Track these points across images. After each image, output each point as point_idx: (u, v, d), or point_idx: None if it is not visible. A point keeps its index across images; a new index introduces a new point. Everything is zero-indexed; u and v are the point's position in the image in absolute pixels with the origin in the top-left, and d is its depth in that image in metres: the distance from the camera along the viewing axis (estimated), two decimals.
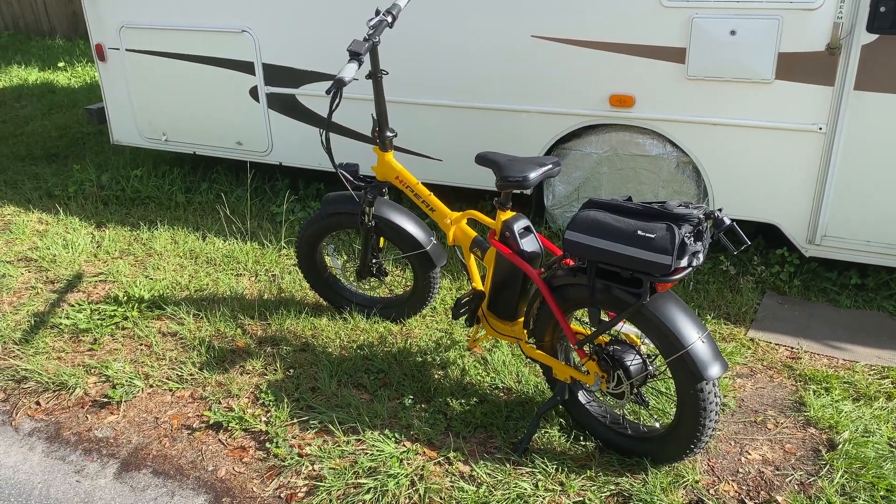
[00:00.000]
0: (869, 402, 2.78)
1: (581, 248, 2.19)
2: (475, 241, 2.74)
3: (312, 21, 4.22)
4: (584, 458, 2.51)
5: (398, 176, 2.92)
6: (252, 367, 3.09)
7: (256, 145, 4.76)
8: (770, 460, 2.49)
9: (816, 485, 2.36)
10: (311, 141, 4.55)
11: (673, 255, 2.01)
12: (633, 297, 2.18)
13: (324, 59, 4.28)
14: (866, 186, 3.38)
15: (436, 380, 2.95)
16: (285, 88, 4.48)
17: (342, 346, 3.21)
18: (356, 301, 3.45)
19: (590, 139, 3.90)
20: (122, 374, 3.07)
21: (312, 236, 3.31)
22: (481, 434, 2.66)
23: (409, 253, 3.14)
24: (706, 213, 2.07)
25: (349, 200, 3.13)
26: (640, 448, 2.43)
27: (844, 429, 2.59)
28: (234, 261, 4.08)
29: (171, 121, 4.95)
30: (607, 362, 2.31)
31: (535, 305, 2.54)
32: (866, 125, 3.28)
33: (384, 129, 2.88)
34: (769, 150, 3.51)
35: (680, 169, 3.77)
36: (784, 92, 3.37)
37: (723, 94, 3.49)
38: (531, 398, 2.81)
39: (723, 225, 2.04)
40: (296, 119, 4.56)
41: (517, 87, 3.88)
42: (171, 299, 3.65)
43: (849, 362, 3.09)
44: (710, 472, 2.43)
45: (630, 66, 3.61)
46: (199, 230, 4.50)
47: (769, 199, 3.60)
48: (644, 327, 2.22)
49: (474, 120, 4.06)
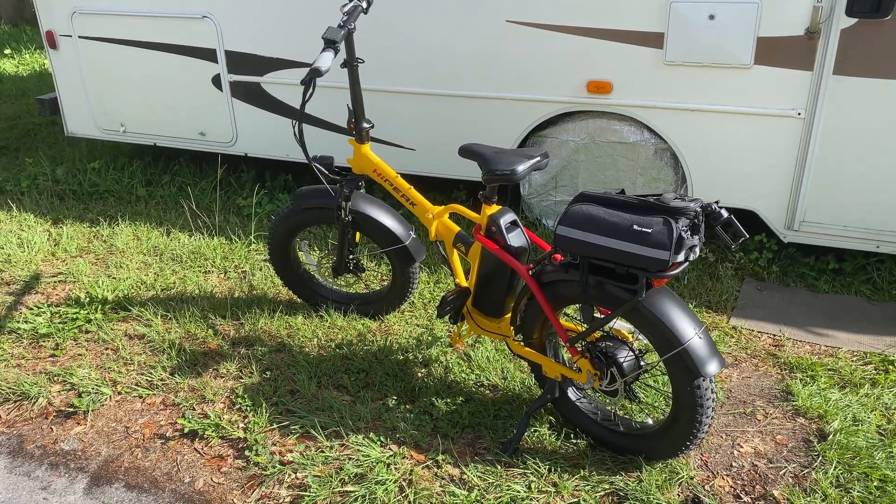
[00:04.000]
0: (854, 389, 2.78)
1: (573, 244, 2.11)
2: (459, 235, 2.65)
3: (278, 6, 4.05)
4: (576, 456, 2.45)
5: (376, 169, 2.81)
6: (226, 370, 2.97)
7: (220, 136, 4.58)
8: (762, 453, 2.46)
9: (811, 477, 2.34)
10: (277, 131, 4.40)
11: (671, 250, 1.94)
12: (628, 293, 2.11)
13: (291, 45, 4.12)
14: (845, 171, 3.37)
15: (419, 378, 2.86)
16: (250, 76, 4.32)
17: (320, 346, 3.10)
18: (332, 298, 3.34)
19: (566, 126, 3.83)
20: (87, 381, 2.91)
21: (285, 232, 3.18)
22: (469, 434, 2.58)
23: (387, 248, 3.03)
24: (703, 205, 2.01)
25: (324, 195, 3.01)
26: (632, 445, 2.38)
27: (833, 418, 2.58)
28: (202, 257, 3.93)
29: (130, 111, 4.74)
30: (601, 360, 2.25)
31: (522, 302, 2.47)
32: (845, 110, 3.27)
33: (360, 119, 2.77)
34: (748, 136, 3.48)
35: (658, 156, 3.73)
36: (763, 77, 3.34)
37: (701, 79, 3.44)
38: (518, 395, 2.74)
39: (720, 218, 1.98)
40: (261, 108, 4.39)
41: (492, 73, 3.78)
42: (136, 300, 3.49)
43: (831, 349, 3.08)
44: (704, 467, 2.39)
45: (607, 52, 3.54)
46: (162, 225, 4.33)
47: (748, 186, 3.57)
48: (639, 324, 2.16)
49: (448, 108, 3.96)
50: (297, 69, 4.17)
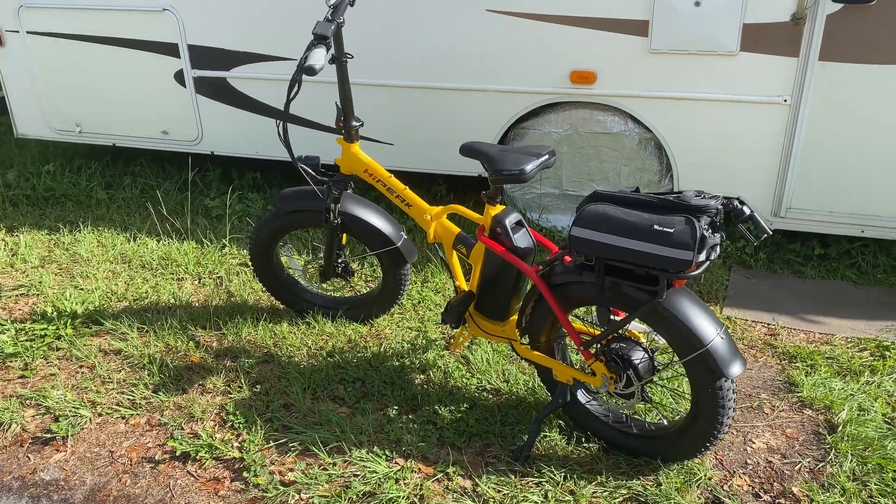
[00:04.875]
0: (855, 377, 2.78)
1: (590, 246, 2.03)
2: (459, 237, 2.54)
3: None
4: (590, 461, 2.38)
5: (367, 169, 2.68)
6: (213, 384, 2.81)
7: (184, 134, 4.38)
8: (775, 448, 2.43)
9: (826, 471, 2.32)
10: (246, 127, 4.22)
11: (694, 249, 1.88)
12: (647, 294, 2.04)
13: (259, 38, 3.94)
14: (830, 157, 3.37)
15: (418, 385, 2.76)
16: (215, 71, 4.12)
17: (310, 355, 2.97)
18: (319, 303, 3.20)
19: (548, 118, 3.75)
20: (63, 403, 2.73)
21: (268, 237, 3.03)
22: (477, 443, 2.49)
23: (378, 250, 2.91)
24: (723, 202, 1.95)
25: (311, 197, 2.87)
26: (648, 447, 2.32)
27: (840, 409, 2.57)
28: (173, 263, 3.74)
29: (86, 111, 4.49)
30: (617, 363, 2.18)
31: (529, 304, 2.38)
32: (831, 96, 3.26)
33: (350, 118, 2.63)
34: (734, 124, 3.45)
35: (642, 145, 3.68)
36: (749, 64, 3.31)
37: (687, 67, 3.39)
38: (523, 399, 2.66)
39: (742, 215, 1.93)
40: (228, 104, 4.20)
41: (472, 64, 3.67)
42: (108, 312, 3.30)
43: (825, 336, 3.09)
44: (720, 465, 2.35)
45: (591, 41, 3.46)
46: (127, 230, 4.12)
47: (734, 174, 3.55)
48: (658, 325, 2.09)
49: (427, 101, 3.83)
50: (266, 63, 4.00)
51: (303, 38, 3.84)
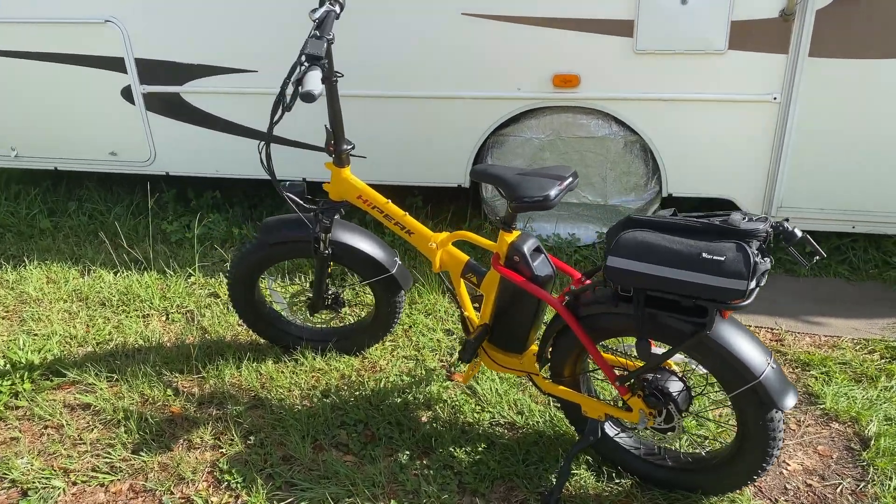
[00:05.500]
0: (872, 382, 2.71)
1: (629, 276, 1.87)
2: (469, 265, 2.35)
3: (196, 5, 3.57)
4: (624, 499, 2.24)
5: (361, 195, 2.46)
6: (200, 438, 2.56)
7: (135, 154, 4.05)
8: (811, 469, 2.33)
9: (869, 492, 2.23)
10: (203, 145, 3.92)
11: (748, 279, 1.74)
12: (692, 325, 1.90)
13: (214, 49, 3.65)
14: (821, 154, 3.31)
15: (427, 424, 2.56)
16: (167, 86, 3.81)
17: (303, 396, 2.74)
18: (306, 337, 2.97)
19: (529, 124, 3.59)
20: (31, 473, 2.43)
21: (249, 270, 2.78)
22: (500, 487, 2.32)
23: (372, 279, 2.70)
24: (773, 225, 1.82)
25: (297, 226, 2.63)
26: (687, 480, 2.19)
27: (868, 420, 2.49)
28: (136, 298, 3.44)
29: (23, 133, 4.11)
30: (657, 397, 2.03)
31: (552, 336, 2.21)
32: (821, 92, 3.20)
33: (340, 141, 2.41)
34: (723, 124, 3.36)
35: (628, 149, 3.55)
36: (737, 62, 3.21)
37: (674, 67, 3.28)
38: (542, 433, 2.50)
39: (794, 238, 1.79)
40: (183, 121, 3.90)
41: (449, 71, 3.48)
42: (69, 360, 2.99)
43: (832, 338, 3.02)
44: (760, 494, 2.24)
45: (574, 43, 3.31)
46: (78, 262, 3.78)
47: (724, 175, 3.46)
48: (703, 357, 1.95)
49: (401, 110, 3.62)
50: (225, 76, 3.71)
51: (264, 49, 3.58)
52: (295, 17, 3.46)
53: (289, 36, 3.50)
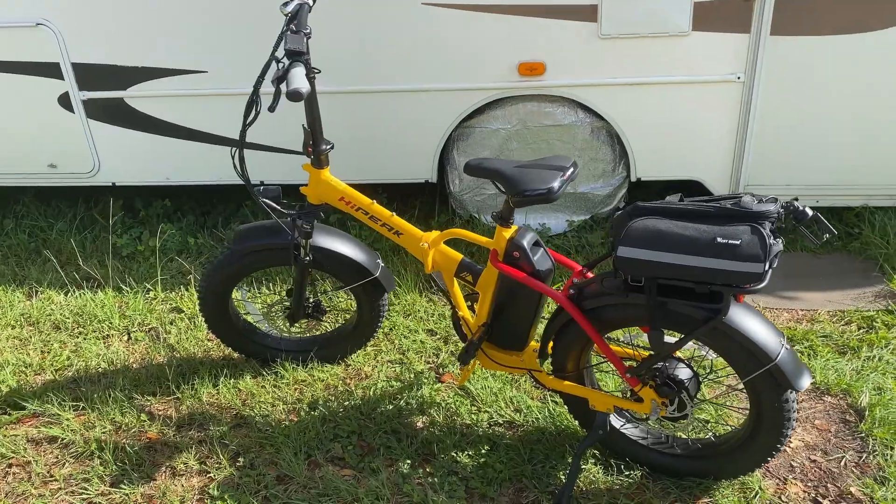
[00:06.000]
0: (855, 353, 2.76)
1: (642, 266, 1.82)
2: (463, 264, 2.27)
3: (136, 5, 3.35)
4: (636, 491, 2.20)
5: (343, 197, 2.35)
6: (184, 464, 2.40)
7: (77, 165, 3.80)
8: (812, 445, 2.35)
9: (872, 463, 2.25)
10: (153, 152, 3.71)
11: (765, 261, 1.71)
12: (706, 311, 1.86)
13: (160, 50, 3.45)
14: (785, 131, 3.35)
15: (424, 430, 2.47)
16: (109, 92, 3.58)
17: (289, 411, 2.61)
18: (285, 348, 2.83)
19: (495, 114, 3.52)
20: None
21: (223, 283, 2.63)
22: (509, 489, 2.25)
23: (355, 284, 2.58)
24: (784, 205, 1.79)
25: (272, 232, 2.50)
26: (697, 467, 2.17)
27: (858, 391, 2.53)
28: (93, 319, 3.23)
29: None
30: (670, 386, 1.99)
31: (554, 331, 2.15)
32: (783, 70, 3.23)
33: (319, 141, 2.28)
34: (689, 106, 3.36)
35: (594, 135, 3.53)
36: (701, 43, 3.22)
37: (639, 51, 3.26)
38: (543, 429, 2.44)
39: (805, 217, 1.78)
40: (129, 128, 3.68)
41: (411, 63, 3.37)
42: (27, 391, 2.77)
43: (809, 312, 3.07)
44: (768, 474, 2.24)
45: (538, 30, 3.25)
46: (23, 284, 3.53)
47: (691, 156, 3.48)
48: (716, 343, 1.92)
49: (362, 106, 3.50)
50: (173, 78, 3.51)
51: (214, 48, 3.40)
52: (246, 13, 3.29)
53: (240, 33, 3.33)
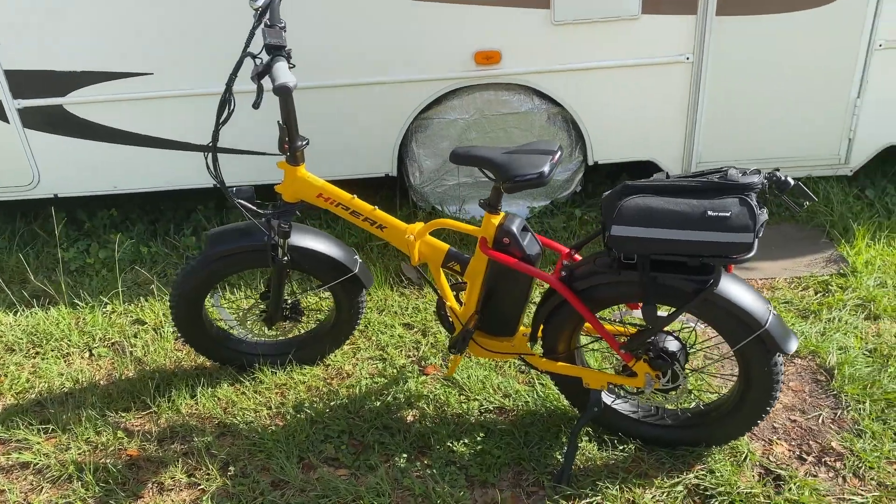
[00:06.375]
0: (816, 317, 2.88)
1: (636, 243, 1.86)
2: (450, 254, 2.26)
3: (74, 6, 3.20)
4: (632, 464, 2.25)
5: (322, 193, 2.31)
6: (171, 478, 2.32)
7: (15, 178, 3.62)
8: (790, 406, 2.45)
9: (847, 418, 2.37)
10: (97, 160, 3.56)
11: (754, 231, 1.77)
12: (697, 284, 1.92)
13: (101, 53, 3.30)
14: (734, 109, 3.48)
15: (415, 423, 2.46)
16: (47, 99, 3.41)
17: (274, 416, 2.56)
18: (262, 352, 2.77)
19: (452, 104, 3.52)
20: None
21: (196, 289, 2.55)
22: (508, 473, 2.27)
23: (334, 282, 2.55)
24: (767, 175, 1.86)
25: (245, 234, 2.44)
26: (688, 436, 2.24)
27: (825, 352, 2.64)
28: (48, 338, 3.08)
29: None
30: (663, 359, 2.05)
31: (545, 314, 2.18)
32: (729, 49, 3.34)
33: (295, 137, 2.24)
34: (641, 88, 3.44)
35: (551, 121, 3.57)
36: (651, 26, 3.30)
37: (591, 36, 3.32)
38: (534, 412, 2.47)
39: (787, 186, 1.85)
40: (71, 136, 3.52)
41: (366, 56, 3.34)
42: None
43: (768, 280, 3.19)
44: (754, 437, 2.32)
45: (493, 18, 3.27)
46: None
47: (645, 137, 3.56)
48: (706, 313, 1.98)
49: (317, 102, 3.44)
50: (114, 82, 3.37)
51: (159, 48, 3.28)
52: (193, 10, 3.19)
53: (187, 32, 3.23)
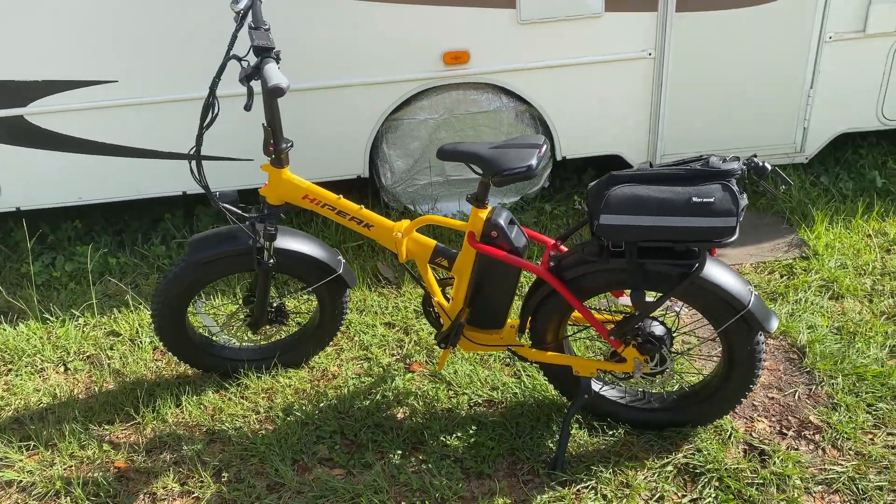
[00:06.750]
0: (784, 298, 3.00)
1: (624, 231, 1.92)
2: (437, 250, 2.29)
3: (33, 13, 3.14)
4: (622, 448, 2.31)
5: (307, 194, 2.31)
6: (163, 488, 2.30)
7: None
8: (767, 384, 2.55)
9: (821, 392, 2.47)
10: (61, 171, 3.48)
11: (737, 215, 1.85)
12: (682, 268, 1.98)
13: (63, 61, 3.24)
14: (695, 101, 3.59)
15: (407, 419, 2.49)
16: (6, 109, 3.33)
17: (264, 419, 2.55)
18: (246, 357, 2.75)
19: (421, 105, 3.55)
20: None
21: (179, 297, 2.52)
22: (503, 463, 2.31)
23: (318, 283, 2.55)
24: (746, 161, 1.94)
25: (231, 238, 2.43)
26: (675, 417, 2.31)
27: (796, 331, 2.76)
28: (19, 354, 3.00)
29: None
30: (651, 343, 2.11)
31: (533, 305, 2.23)
32: (690, 44, 3.45)
33: (280, 139, 2.24)
34: (605, 84, 3.53)
35: (519, 118, 3.63)
36: (614, 23, 3.39)
37: (556, 34, 3.39)
38: (523, 403, 2.51)
39: (765, 171, 1.93)
40: (32, 147, 3.43)
41: (335, 59, 3.35)
42: None
43: (735, 265, 3.30)
44: (736, 416, 2.41)
45: (460, 18, 3.32)
46: None
47: (611, 132, 3.65)
48: (692, 297, 2.06)
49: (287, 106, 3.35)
50: (77, 91, 3.31)
51: (124, 55, 3.24)
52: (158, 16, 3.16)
53: (152, 38, 3.19)
